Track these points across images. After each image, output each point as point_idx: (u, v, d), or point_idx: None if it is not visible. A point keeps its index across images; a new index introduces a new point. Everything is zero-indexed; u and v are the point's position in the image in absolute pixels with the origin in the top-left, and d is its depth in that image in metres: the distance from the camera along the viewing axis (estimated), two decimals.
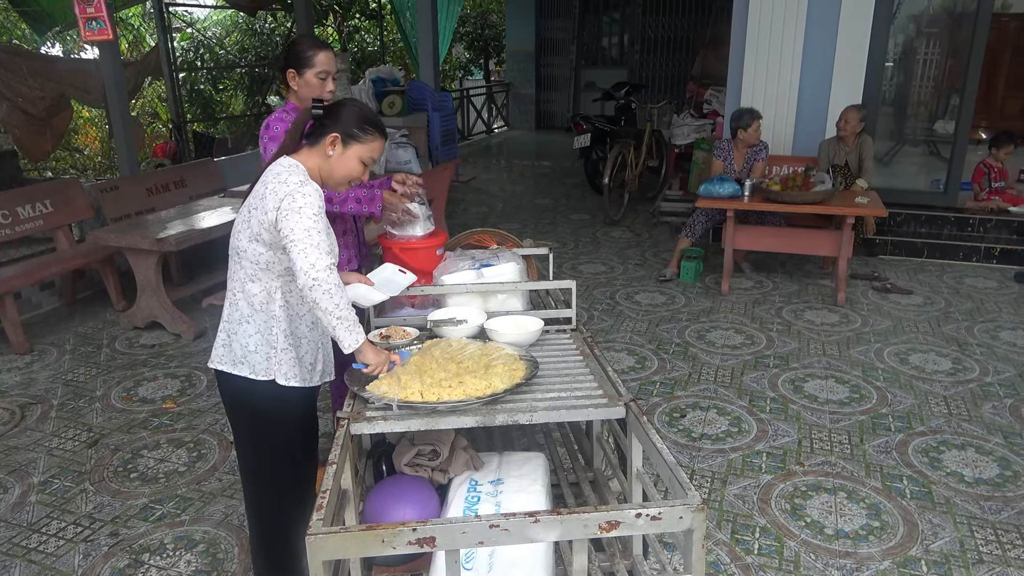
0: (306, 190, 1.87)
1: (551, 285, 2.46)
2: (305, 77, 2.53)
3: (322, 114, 1.99)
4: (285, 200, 1.85)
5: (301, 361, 2.04)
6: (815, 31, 5.87)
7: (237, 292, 2.02)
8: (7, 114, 6.63)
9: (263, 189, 1.92)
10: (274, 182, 1.90)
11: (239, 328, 2.02)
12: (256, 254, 1.95)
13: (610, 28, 14.31)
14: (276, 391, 2.02)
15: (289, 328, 2.01)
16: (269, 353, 2.00)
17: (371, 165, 2.04)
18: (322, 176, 2.01)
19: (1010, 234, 5.88)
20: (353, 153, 1.99)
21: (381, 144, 2.04)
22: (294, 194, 1.85)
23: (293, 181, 1.88)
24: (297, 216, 1.83)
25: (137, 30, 11.79)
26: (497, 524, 1.37)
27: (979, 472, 3.10)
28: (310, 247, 1.82)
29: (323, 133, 1.97)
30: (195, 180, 5.98)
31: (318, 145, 1.98)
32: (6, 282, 4.36)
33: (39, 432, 3.53)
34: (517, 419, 1.81)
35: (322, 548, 1.35)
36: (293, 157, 1.99)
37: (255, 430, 2.13)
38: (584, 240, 6.81)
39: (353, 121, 1.97)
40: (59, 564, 2.61)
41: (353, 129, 1.97)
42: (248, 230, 1.95)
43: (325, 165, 1.99)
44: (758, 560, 2.58)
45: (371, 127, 2.00)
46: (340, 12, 13.26)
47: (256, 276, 1.98)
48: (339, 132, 1.96)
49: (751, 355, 4.27)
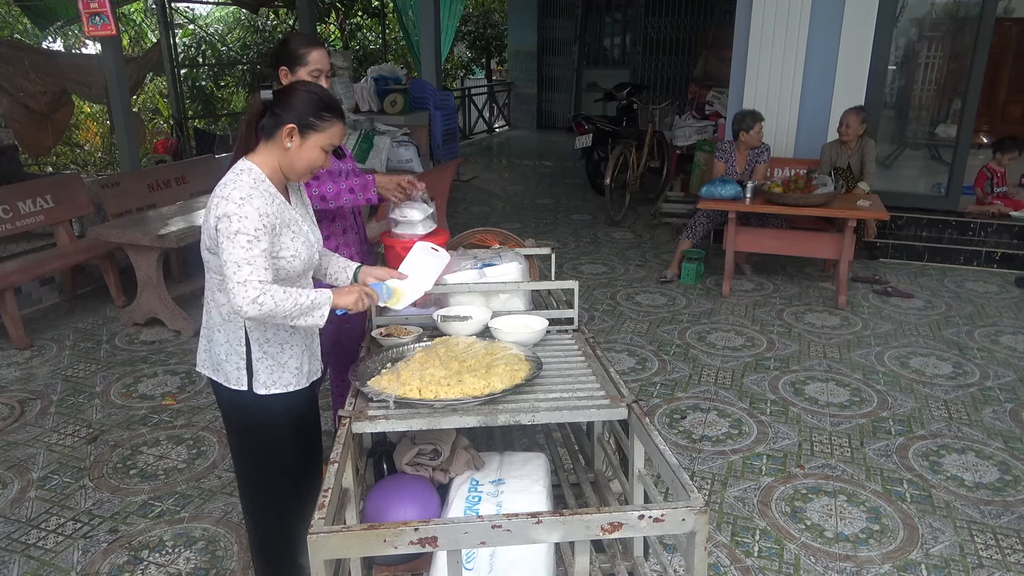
0: (243, 211, 1.77)
1: (553, 285, 2.46)
2: (298, 75, 2.47)
3: (273, 101, 1.86)
4: (222, 221, 1.78)
5: (285, 367, 2.00)
6: (818, 34, 5.87)
7: (209, 300, 1.98)
8: (8, 109, 6.63)
9: (211, 200, 1.85)
10: (219, 195, 1.82)
11: (214, 336, 1.99)
12: (216, 264, 1.88)
13: (612, 28, 14.30)
14: (256, 400, 1.98)
15: (264, 336, 1.96)
16: (239, 363, 1.96)
17: (331, 151, 1.94)
18: (283, 170, 1.91)
19: (1011, 238, 5.87)
20: (312, 143, 1.87)
21: (341, 128, 1.93)
22: (231, 216, 1.77)
23: (235, 197, 1.79)
24: (231, 246, 1.77)
25: (139, 26, 11.78)
26: (499, 525, 1.36)
27: (979, 476, 3.10)
28: (236, 285, 1.75)
29: (278, 124, 1.85)
30: (196, 177, 5.98)
31: (274, 138, 1.87)
32: (6, 277, 4.36)
33: (38, 428, 3.52)
34: (519, 419, 1.81)
35: (324, 547, 1.34)
36: (250, 157, 1.90)
37: (244, 435, 2.11)
38: (585, 240, 6.81)
39: (308, 108, 1.85)
40: (58, 560, 2.61)
41: (309, 118, 1.85)
42: (204, 240, 1.90)
43: (284, 159, 1.88)
44: (758, 562, 2.58)
45: (328, 112, 1.88)
46: (342, 10, 13.26)
47: (220, 286, 1.91)
48: (294, 122, 1.84)
49: (752, 357, 4.27)
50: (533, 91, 14.93)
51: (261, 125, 1.89)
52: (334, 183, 2.53)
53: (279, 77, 2.53)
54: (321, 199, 2.50)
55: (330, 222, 2.63)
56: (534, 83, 14.85)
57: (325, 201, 2.51)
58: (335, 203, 2.54)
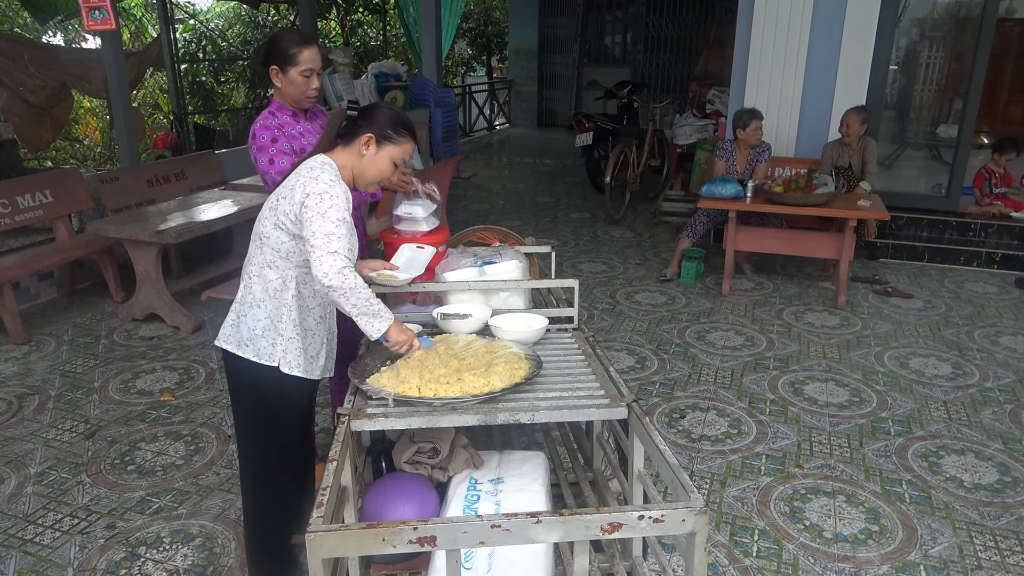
0: (335, 191, 1.92)
1: (553, 284, 2.45)
2: (289, 75, 2.43)
3: (357, 115, 2.06)
4: (312, 197, 1.90)
5: (306, 352, 2.09)
6: (820, 33, 5.86)
7: (253, 276, 2.07)
8: (8, 103, 6.61)
9: (295, 180, 1.97)
10: (307, 176, 1.95)
11: (250, 311, 2.07)
12: (279, 242, 2.00)
13: (613, 27, 14.29)
14: (278, 377, 2.06)
15: (299, 318, 2.06)
16: (275, 340, 2.05)
17: (401, 167, 2.12)
18: (354, 175, 2.07)
19: (1011, 239, 5.87)
20: (386, 154, 2.05)
21: (412, 146, 2.10)
22: (323, 194, 1.90)
23: (325, 180, 1.93)
24: (321, 220, 1.87)
25: (139, 20, 11.75)
26: (498, 524, 1.36)
27: (978, 478, 3.10)
28: (326, 254, 1.85)
29: (357, 133, 2.02)
30: (196, 172, 5.96)
31: (352, 145, 2.04)
32: (4, 272, 4.34)
33: (36, 423, 3.51)
34: (519, 418, 1.80)
35: (322, 546, 1.34)
36: (329, 155, 2.04)
37: (255, 414, 2.17)
38: (585, 239, 6.80)
39: (388, 123, 2.03)
40: (55, 556, 2.60)
41: (388, 131, 2.03)
42: (274, 217, 1.99)
43: (358, 164, 2.05)
44: (756, 563, 2.57)
45: (404, 129, 2.06)
46: (343, 6, 13.22)
47: (275, 263, 2.03)
48: (374, 133, 2.02)
49: (751, 357, 4.26)
50: (534, 89, 14.91)
51: (341, 132, 2.07)
52: None
53: (270, 76, 2.48)
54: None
55: None
56: (535, 81, 14.84)
57: None
58: None
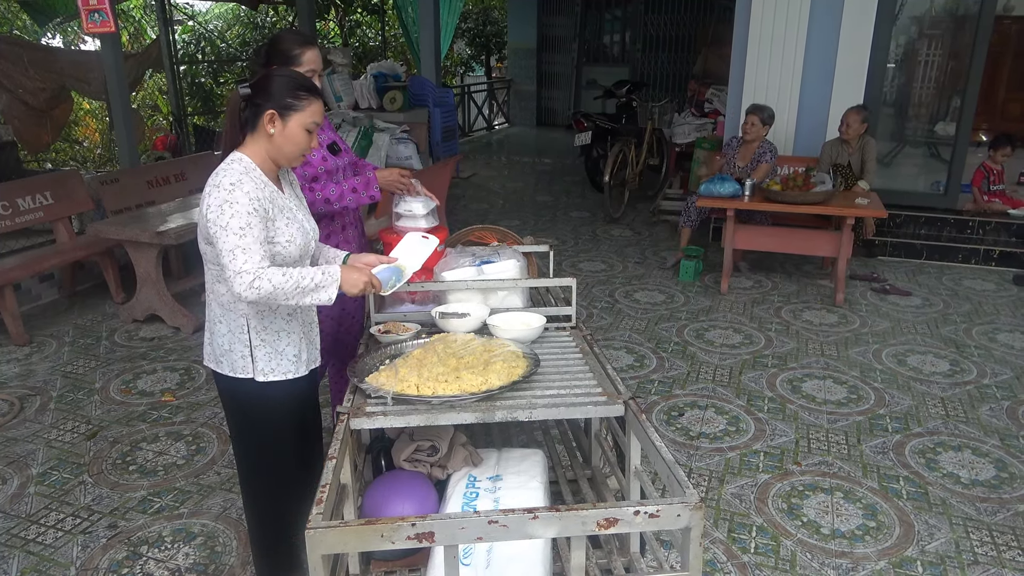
0: (234, 196, 1.81)
1: (551, 283, 2.46)
2: None
3: (251, 93, 1.91)
4: (212, 211, 1.81)
5: (282, 354, 2.02)
6: (817, 31, 5.87)
7: (209, 293, 2.02)
8: (7, 105, 6.62)
9: (204, 191, 1.88)
10: (210, 185, 1.86)
11: (215, 328, 2.02)
12: (213, 255, 1.91)
13: (612, 26, 14.29)
14: (257, 388, 2.01)
15: (262, 324, 1.98)
16: (243, 352, 1.99)
17: (315, 130, 1.95)
18: (272, 158, 1.94)
19: (1009, 236, 5.89)
20: (295, 124, 1.90)
21: (319, 105, 1.94)
22: (222, 205, 1.80)
23: (225, 184, 1.83)
24: (224, 234, 1.80)
25: (138, 22, 11.76)
26: (496, 520, 1.37)
27: (975, 474, 3.11)
28: (233, 275, 1.78)
29: (259, 114, 1.89)
30: (196, 173, 5.97)
31: (257, 129, 1.91)
32: (5, 273, 4.36)
33: (38, 424, 3.53)
34: (517, 416, 1.82)
35: (321, 542, 1.35)
36: (239, 150, 1.93)
37: (246, 427, 2.13)
38: (584, 238, 6.81)
39: (284, 91, 1.89)
40: (57, 555, 2.61)
41: (287, 99, 1.88)
42: (200, 232, 1.93)
43: (271, 147, 1.92)
44: (754, 559, 2.59)
45: (304, 91, 1.91)
46: (342, 6, 13.23)
47: (220, 276, 1.95)
48: (273, 107, 1.88)
49: (749, 354, 4.28)
50: (532, 88, 14.91)
51: (244, 119, 1.94)
52: (336, 184, 2.53)
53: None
54: (325, 202, 2.49)
55: (330, 220, 2.63)
56: (533, 80, 14.84)
57: (330, 204, 2.50)
58: (339, 204, 2.53)
